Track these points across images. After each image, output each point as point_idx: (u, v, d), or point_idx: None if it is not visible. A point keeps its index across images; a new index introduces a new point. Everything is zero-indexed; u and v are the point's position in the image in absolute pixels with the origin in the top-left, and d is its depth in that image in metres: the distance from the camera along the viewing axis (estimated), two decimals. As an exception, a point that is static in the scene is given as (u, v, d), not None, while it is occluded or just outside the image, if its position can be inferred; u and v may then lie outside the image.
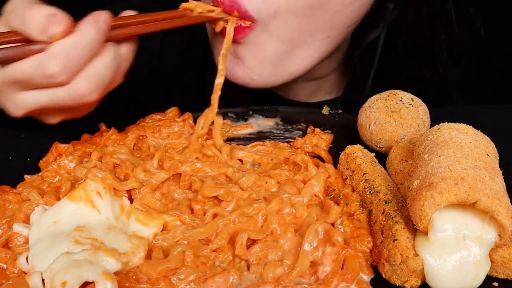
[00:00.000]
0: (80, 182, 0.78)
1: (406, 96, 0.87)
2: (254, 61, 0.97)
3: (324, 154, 0.88)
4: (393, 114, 0.84)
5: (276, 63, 0.99)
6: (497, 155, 0.70)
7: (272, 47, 0.96)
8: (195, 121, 0.96)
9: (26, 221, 0.73)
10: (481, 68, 1.57)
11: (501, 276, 0.66)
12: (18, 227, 0.71)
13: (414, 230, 0.65)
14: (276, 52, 0.97)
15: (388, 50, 1.14)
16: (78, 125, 0.94)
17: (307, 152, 0.88)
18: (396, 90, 0.88)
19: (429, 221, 0.61)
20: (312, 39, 0.98)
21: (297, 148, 0.90)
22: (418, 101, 0.87)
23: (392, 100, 0.86)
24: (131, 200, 0.77)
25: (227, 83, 1.16)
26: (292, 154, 0.86)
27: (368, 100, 0.89)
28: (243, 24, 0.92)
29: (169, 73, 1.32)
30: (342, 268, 0.66)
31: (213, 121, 0.92)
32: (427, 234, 0.62)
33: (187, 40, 1.30)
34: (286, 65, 1.01)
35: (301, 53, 1.00)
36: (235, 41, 0.94)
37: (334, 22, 0.98)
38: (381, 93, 0.89)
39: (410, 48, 1.12)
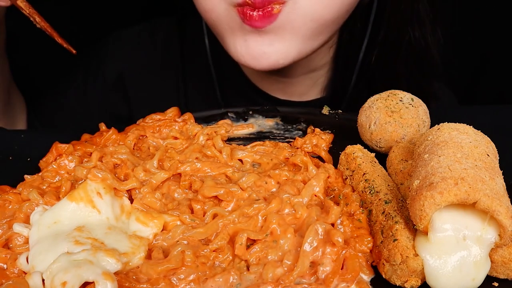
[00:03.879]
0: (80, 182, 0.78)
1: (406, 96, 0.87)
2: (282, 46, 0.99)
3: (324, 154, 0.88)
4: (393, 114, 0.84)
5: (304, 42, 1.00)
6: (497, 155, 0.70)
7: (302, 26, 0.97)
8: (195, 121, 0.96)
9: (26, 221, 0.73)
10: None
11: (501, 276, 0.66)
12: (18, 227, 0.71)
13: (414, 230, 0.65)
14: (305, 32, 0.99)
15: (375, 18, 1.17)
16: (78, 125, 0.95)
17: (307, 152, 0.87)
18: (396, 90, 0.88)
19: (429, 221, 0.61)
20: (338, 14, 1.00)
21: (297, 148, 0.90)
22: (418, 101, 0.87)
23: (392, 100, 0.86)
24: (131, 200, 0.77)
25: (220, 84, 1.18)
26: (292, 155, 0.86)
27: (368, 100, 0.89)
28: (273, 10, 0.93)
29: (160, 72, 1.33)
30: (342, 268, 0.66)
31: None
32: (427, 234, 0.62)
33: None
34: (311, 44, 1.03)
35: (324, 30, 1.02)
36: (263, 29, 0.95)
37: None
38: (381, 93, 0.89)
39: (395, 9, 1.14)
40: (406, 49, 1.17)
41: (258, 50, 0.99)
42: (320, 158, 0.88)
